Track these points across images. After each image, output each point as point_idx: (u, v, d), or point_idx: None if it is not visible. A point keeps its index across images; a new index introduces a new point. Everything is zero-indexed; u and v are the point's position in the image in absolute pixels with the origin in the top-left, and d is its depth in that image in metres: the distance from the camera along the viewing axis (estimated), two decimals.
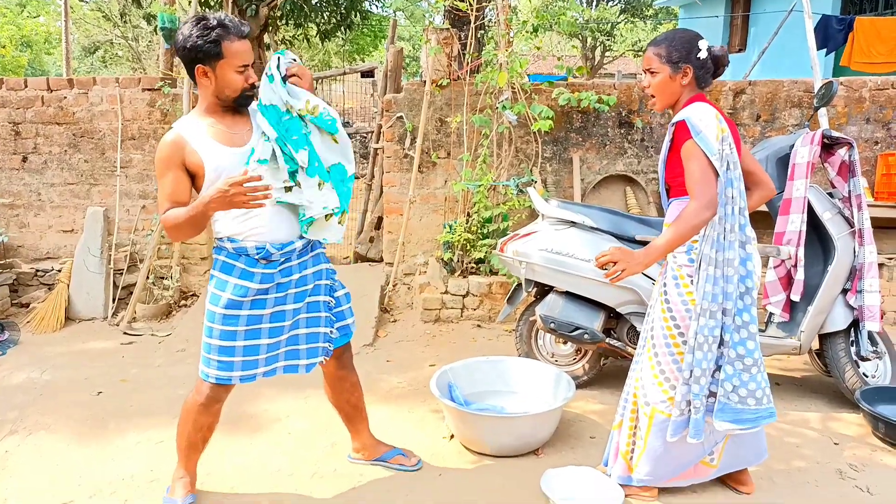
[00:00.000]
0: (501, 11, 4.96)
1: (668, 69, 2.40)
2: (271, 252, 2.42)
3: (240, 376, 2.46)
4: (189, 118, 2.41)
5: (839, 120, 5.20)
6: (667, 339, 2.46)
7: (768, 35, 7.26)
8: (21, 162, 5.56)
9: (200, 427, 2.56)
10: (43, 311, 4.98)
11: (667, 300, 2.47)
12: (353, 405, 2.87)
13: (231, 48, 2.26)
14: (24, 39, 24.22)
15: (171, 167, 2.32)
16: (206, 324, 2.46)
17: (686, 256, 2.44)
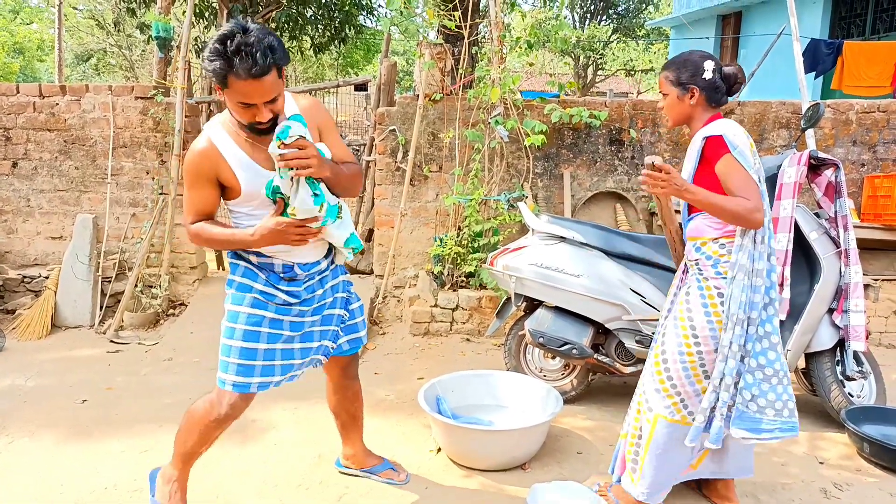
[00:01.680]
0: (495, 28, 5.00)
1: (676, 91, 2.48)
2: (298, 273, 2.37)
3: (258, 383, 2.35)
4: (220, 124, 2.22)
5: (826, 142, 5.27)
6: (681, 347, 2.44)
7: (757, 57, 7.36)
8: (11, 167, 5.54)
9: (209, 440, 2.43)
10: (29, 318, 4.94)
11: (689, 310, 2.45)
12: (351, 414, 2.83)
13: (235, 84, 2.00)
14: (16, 46, 24.18)
15: (200, 179, 2.22)
16: (227, 324, 2.34)
17: (714, 270, 2.43)
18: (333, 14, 10.47)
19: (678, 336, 2.47)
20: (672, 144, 5.33)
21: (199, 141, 2.21)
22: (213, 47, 1.99)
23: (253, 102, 2.04)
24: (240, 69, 1.96)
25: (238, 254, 2.37)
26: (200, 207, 2.26)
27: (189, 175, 2.23)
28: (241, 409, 2.37)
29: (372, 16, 11.86)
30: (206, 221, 2.27)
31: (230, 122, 2.21)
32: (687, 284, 2.54)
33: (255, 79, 1.99)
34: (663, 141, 5.32)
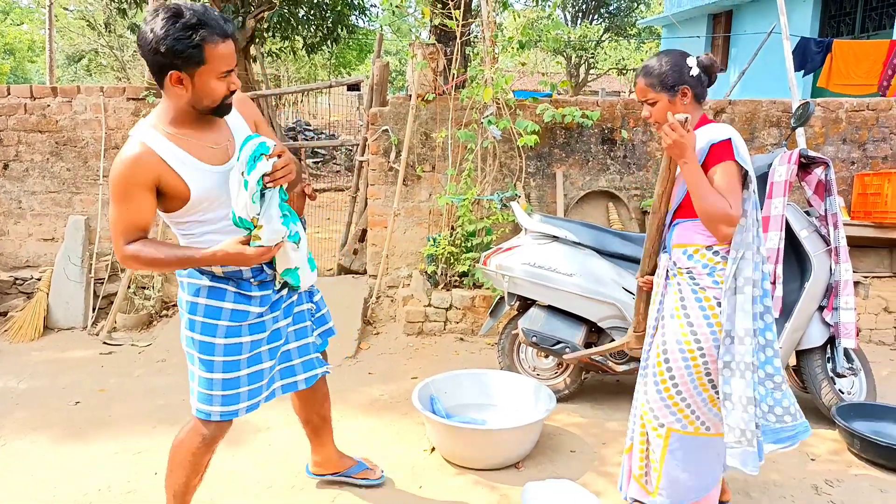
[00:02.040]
0: (487, 28, 5.02)
1: (665, 96, 2.34)
2: (268, 273, 2.24)
3: (246, 406, 2.24)
4: (152, 127, 2.02)
5: (816, 140, 5.30)
6: (687, 360, 2.36)
7: (748, 55, 7.40)
8: (2, 169, 5.51)
9: (200, 468, 2.30)
10: (21, 320, 4.92)
11: (689, 323, 2.36)
12: (322, 417, 2.72)
13: (215, 52, 1.90)
14: (6, 47, 24.05)
15: (137, 189, 1.95)
16: (202, 357, 2.17)
17: (710, 279, 2.34)
18: (326, 14, 10.47)
19: (681, 348, 2.36)
20: None
21: (130, 147, 1.97)
22: (177, 28, 1.86)
23: (232, 68, 1.96)
24: (216, 34, 1.89)
25: (200, 269, 2.15)
26: (136, 222, 1.99)
27: (120, 186, 1.95)
28: (226, 428, 2.29)
29: (364, 16, 11.85)
30: (142, 241, 2.01)
31: (161, 124, 2.03)
32: (678, 293, 2.41)
33: (228, 38, 1.93)
34: (655, 140, 5.34)
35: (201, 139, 2.06)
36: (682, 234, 2.41)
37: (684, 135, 2.19)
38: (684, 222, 2.40)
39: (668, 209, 2.49)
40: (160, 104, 2.09)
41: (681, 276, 2.40)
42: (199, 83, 1.94)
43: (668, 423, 2.41)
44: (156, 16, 1.90)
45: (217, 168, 2.07)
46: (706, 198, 2.20)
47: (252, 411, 2.29)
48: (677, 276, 2.42)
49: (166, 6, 1.93)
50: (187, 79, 1.93)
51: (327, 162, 13.46)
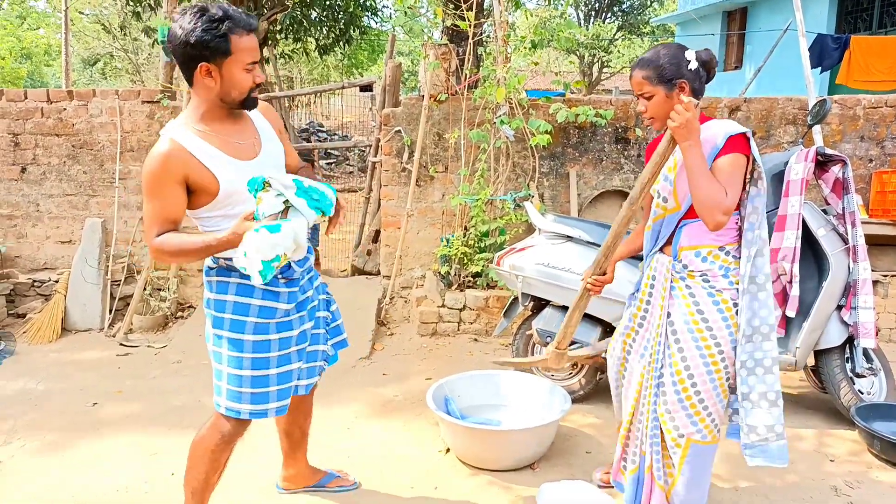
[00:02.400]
0: (499, 27, 5.01)
1: (662, 89, 2.28)
2: (295, 270, 2.26)
3: (276, 408, 2.25)
4: (182, 125, 2.10)
5: (833, 137, 5.25)
6: (708, 366, 2.31)
7: (764, 52, 7.34)
8: (20, 173, 5.57)
9: (220, 465, 2.33)
10: (39, 322, 4.97)
11: (709, 328, 2.31)
12: (303, 431, 2.71)
13: (240, 43, 2.00)
14: (23, 51, 24.33)
15: (169, 184, 2.02)
16: (231, 354, 2.19)
17: (726, 280, 2.31)
18: (338, 15, 10.51)
19: (702, 353, 2.31)
20: None
21: (161, 145, 2.04)
22: (204, 21, 1.96)
23: (256, 60, 2.06)
24: (241, 24, 2.00)
25: (228, 266, 2.19)
26: (167, 215, 2.05)
27: (153, 181, 2.03)
28: (245, 427, 2.31)
29: (376, 17, 11.88)
30: (167, 233, 2.06)
31: (191, 122, 2.10)
32: (689, 298, 2.35)
33: (252, 31, 2.04)
34: None
35: (229, 135, 2.13)
36: (691, 236, 2.34)
37: (696, 116, 2.14)
38: (692, 223, 2.33)
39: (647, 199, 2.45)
40: (189, 104, 2.15)
41: (692, 279, 2.34)
42: (226, 74, 2.03)
43: (689, 434, 2.35)
44: (184, 14, 2.01)
45: (245, 163, 2.13)
46: (706, 184, 2.14)
47: (282, 414, 2.30)
48: (687, 279, 2.35)
49: (193, 5, 2.03)
50: (216, 70, 2.02)
51: (340, 163, 13.50)
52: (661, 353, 2.40)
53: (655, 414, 2.42)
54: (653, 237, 2.48)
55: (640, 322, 2.51)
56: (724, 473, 3.01)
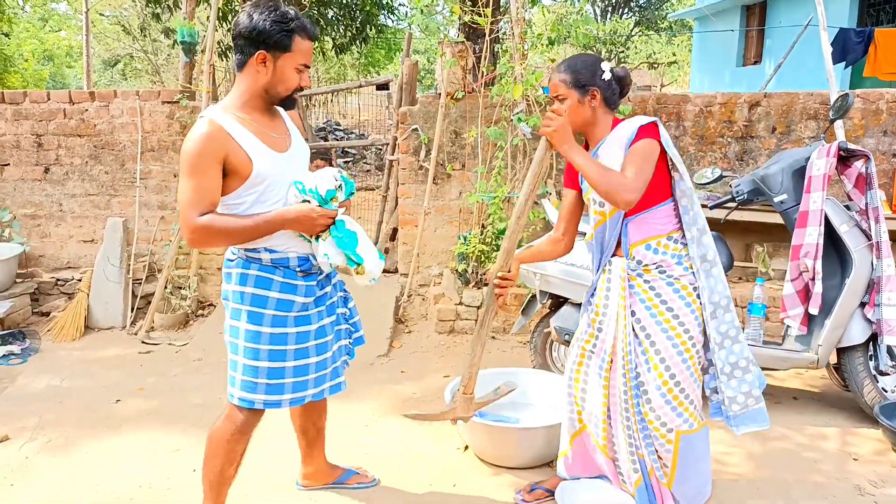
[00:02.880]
0: (516, 24, 4.99)
1: (575, 94, 2.39)
2: (313, 264, 2.31)
3: (290, 399, 2.28)
4: (222, 110, 2.17)
5: (856, 132, 5.17)
6: (682, 354, 2.39)
7: (783, 47, 7.25)
8: (43, 173, 5.66)
9: (236, 456, 2.35)
10: (63, 320, 5.05)
11: (675, 316, 2.39)
12: (318, 428, 2.73)
13: (301, 45, 2.14)
14: (46, 53, 24.67)
15: (211, 164, 2.07)
16: (248, 345, 2.23)
17: (681, 267, 2.41)
18: (354, 14, 10.53)
19: (674, 343, 2.38)
20: (697, 138, 5.27)
21: (201, 125, 2.10)
22: (277, 16, 2.10)
23: (309, 64, 2.20)
24: (308, 29, 2.17)
25: (248, 258, 2.25)
26: (206, 194, 2.08)
27: (194, 160, 2.06)
28: (258, 417, 2.34)
29: (393, 15, 11.89)
30: (211, 213, 2.10)
31: (233, 108, 2.18)
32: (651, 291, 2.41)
33: (314, 40, 2.21)
34: (688, 135, 5.27)
35: (264, 126, 2.22)
36: (638, 230, 2.42)
37: (567, 121, 2.28)
38: (634, 218, 2.41)
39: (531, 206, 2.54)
40: (232, 91, 2.23)
41: (648, 273, 2.42)
42: (279, 68, 2.15)
43: (677, 427, 2.42)
44: (256, 6, 2.13)
45: (278, 154, 2.21)
46: (599, 174, 2.23)
47: (297, 405, 2.34)
48: (644, 274, 2.42)
49: (267, 1, 2.15)
50: (271, 61, 2.14)
51: (357, 161, 13.54)
52: (633, 353, 2.44)
53: (641, 415, 2.45)
54: (598, 244, 2.54)
55: (599, 327, 2.54)
56: (746, 472, 2.99)
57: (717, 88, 15.30)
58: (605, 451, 2.59)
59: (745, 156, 5.26)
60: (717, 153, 5.27)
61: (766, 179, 3.51)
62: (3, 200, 5.65)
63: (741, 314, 4.73)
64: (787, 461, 3.09)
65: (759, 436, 3.29)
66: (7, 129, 5.58)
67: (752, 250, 5.32)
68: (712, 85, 15.97)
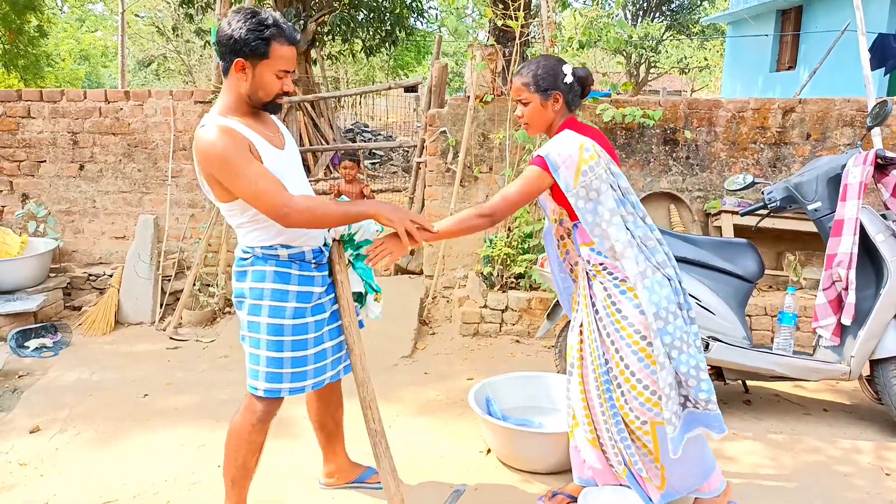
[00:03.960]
0: (546, 28, 4.98)
1: (538, 97, 2.43)
2: (324, 255, 2.41)
3: (312, 384, 2.37)
4: (219, 115, 2.20)
5: (894, 140, 5.06)
6: (637, 354, 2.41)
7: (819, 52, 7.13)
8: (78, 170, 5.77)
9: (257, 447, 2.39)
10: (94, 315, 5.14)
11: (624, 317, 2.41)
12: (337, 422, 2.76)
13: (279, 51, 2.13)
14: (82, 53, 25.21)
15: (245, 152, 2.11)
16: (270, 339, 2.28)
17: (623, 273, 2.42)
18: (385, 17, 10.59)
19: (627, 342, 2.41)
20: (728, 144, 5.20)
21: (211, 129, 2.12)
22: (253, 23, 2.09)
23: (290, 69, 2.18)
24: (285, 37, 2.13)
25: (264, 255, 2.29)
26: (273, 176, 2.12)
27: (233, 152, 2.08)
28: (277, 406, 2.38)
29: (422, 18, 11.93)
30: (305, 197, 2.15)
31: (227, 113, 2.20)
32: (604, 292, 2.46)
33: (294, 45, 2.18)
34: (720, 140, 5.20)
35: (258, 127, 2.25)
36: (581, 233, 2.49)
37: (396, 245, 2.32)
38: (578, 223, 2.48)
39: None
40: (219, 99, 2.26)
41: (599, 273, 2.47)
42: (258, 74, 2.15)
43: (650, 419, 2.46)
44: (237, 13, 2.14)
45: (277, 150, 2.26)
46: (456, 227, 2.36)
47: (318, 388, 2.42)
48: (597, 275, 2.48)
49: (247, 7, 2.17)
50: (250, 68, 2.14)
51: (384, 163, 13.60)
52: (598, 349, 2.50)
53: (615, 409, 2.51)
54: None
55: (573, 325, 2.65)
56: (776, 483, 2.93)
57: (749, 94, 15.08)
58: (595, 444, 2.63)
59: (778, 162, 5.17)
60: (750, 159, 5.19)
61: (801, 187, 3.45)
62: (38, 196, 5.78)
63: (772, 323, 4.65)
64: (818, 474, 3.03)
65: (789, 447, 3.23)
66: (44, 127, 5.70)
67: (784, 259, 5.23)
68: (745, 90, 15.74)
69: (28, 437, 3.37)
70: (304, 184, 2.42)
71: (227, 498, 2.44)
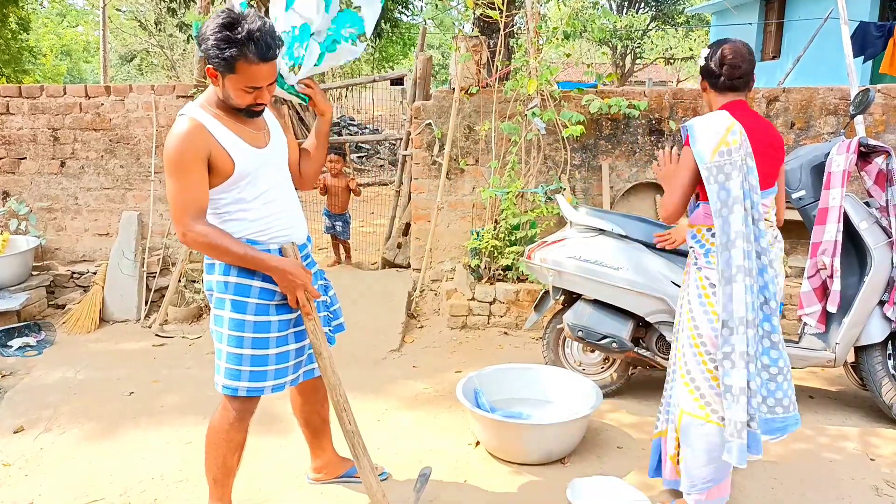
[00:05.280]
0: (531, 19, 4.96)
1: (702, 84, 2.57)
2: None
3: (272, 385, 2.31)
4: (200, 107, 2.16)
5: (877, 128, 5.09)
6: (693, 348, 2.47)
7: (803, 42, 7.16)
8: (59, 167, 5.70)
9: (236, 446, 2.38)
10: (78, 313, 5.09)
11: (691, 310, 2.49)
12: (322, 418, 2.73)
13: (247, 70, 2.03)
14: (63, 48, 24.89)
15: (194, 161, 2.06)
16: (232, 334, 2.25)
17: (704, 259, 2.46)
18: None
19: (688, 335, 2.49)
20: None
21: (182, 123, 2.10)
22: (220, 35, 2.00)
23: (260, 86, 2.09)
24: (253, 54, 2.01)
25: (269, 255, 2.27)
26: (196, 196, 2.09)
27: (180, 159, 2.06)
28: (253, 405, 2.37)
29: (407, 10, 11.88)
30: (210, 226, 2.13)
31: (210, 105, 2.18)
32: (687, 274, 2.58)
33: (266, 62, 2.05)
34: None
35: (241, 122, 2.21)
36: (694, 215, 2.55)
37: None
38: (703, 205, 2.50)
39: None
40: (208, 89, 2.22)
41: (690, 256, 2.57)
42: (226, 86, 2.10)
43: (683, 405, 2.50)
44: (219, 15, 2.04)
45: (258, 150, 2.23)
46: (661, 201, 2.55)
47: (278, 391, 2.35)
48: (689, 256, 2.58)
49: (231, 11, 2.06)
50: (219, 78, 2.09)
51: (371, 156, 13.56)
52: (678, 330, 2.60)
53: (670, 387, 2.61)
54: None
55: None
56: (762, 471, 2.95)
57: None
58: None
59: None
60: None
61: (785, 175, 3.46)
62: (19, 194, 5.70)
63: None
64: (803, 461, 3.05)
65: None
66: (24, 123, 5.63)
67: None
68: None
69: (12, 437, 3.33)
70: (285, 183, 2.37)
71: (211, 496, 2.43)
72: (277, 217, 2.30)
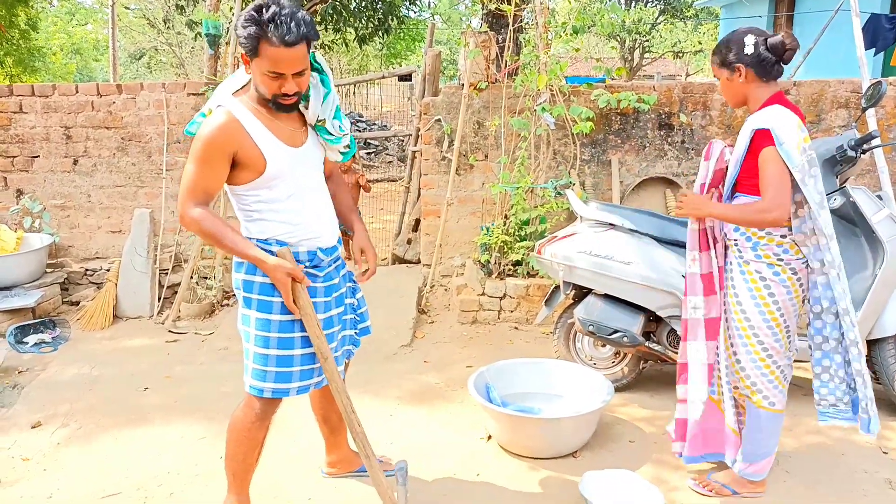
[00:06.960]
0: (540, 14, 4.95)
1: (724, 72, 2.47)
2: (322, 259, 2.33)
3: (297, 387, 2.30)
4: (239, 100, 2.17)
5: (889, 121, 5.06)
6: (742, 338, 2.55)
7: (813, 34, 7.09)
8: (72, 165, 5.74)
9: (257, 443, 2.39)
10: (92, 309, 5.13)
11: (739, 302, 2.53)
12: (339, 416, 2.70)
13: (267, 52, 2.01)
14: (73, 47, 25.00)
15: (218, 155, 2.09)
16: (258, 334, 2.25)
17: (753, 253, 2.48)
18: (377, 5, 10.52)
19: (736, 325, 2.54)
20: (724, 127, 5.19)
21: (218, 115, 2.11)
22: (247, 14, 2.01)
23: (282, 72, 2.05)
24: (274, 36, 1.99)
25: (260, 247, 2.23)
26: (207, 186, 2.12)
27: (206, 149, 2.09)
28: (276, 405, 2.36)
29: (415, 6, 11.86)
30: (207, 211, 2.14)
31: (248, 99, 2.18)
32: (730, 267, 2.58)
33: (287, 47, 2.01)
34: (714, 124, 5.19)
35: (280, 119, 2.21)
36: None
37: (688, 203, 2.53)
38: (741, 197, 2.49)
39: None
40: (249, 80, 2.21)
41: (731, 249, 2.56)
42: (254, 70, 2.10)
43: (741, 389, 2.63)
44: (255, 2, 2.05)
45: (293, 150, 2.22)
46: (739, 217, 2.42)
47: (303, 393, 2.35)
48: (730, 249, 2.58)
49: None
50: (249, 62, 2.09)
51: (380, 153, 13.57)
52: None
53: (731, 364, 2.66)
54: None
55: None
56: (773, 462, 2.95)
57: None
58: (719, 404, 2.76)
59: None
60: None
61: None
62: (33, 192, 5.75)
63: None
64: (814, 454, 3.05)
65: (789, 428, 3.25)
66: (37, 122, 5.67)
67: None
68: None
69: (30, 432, 3.38)
70: (318, 184, 2.35)
71: (229, 490, 2.46)
72: (306, 218, 2.27)
